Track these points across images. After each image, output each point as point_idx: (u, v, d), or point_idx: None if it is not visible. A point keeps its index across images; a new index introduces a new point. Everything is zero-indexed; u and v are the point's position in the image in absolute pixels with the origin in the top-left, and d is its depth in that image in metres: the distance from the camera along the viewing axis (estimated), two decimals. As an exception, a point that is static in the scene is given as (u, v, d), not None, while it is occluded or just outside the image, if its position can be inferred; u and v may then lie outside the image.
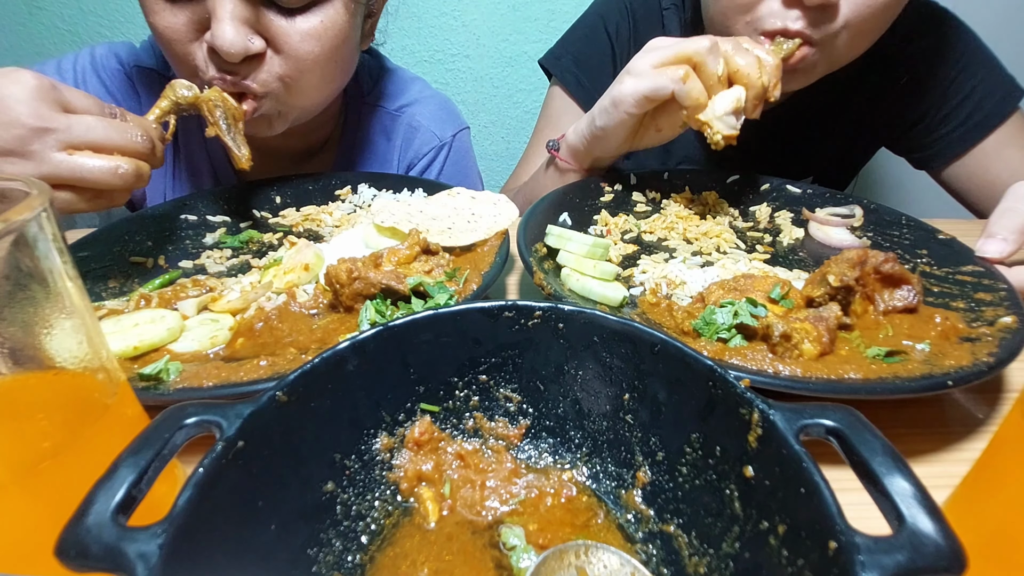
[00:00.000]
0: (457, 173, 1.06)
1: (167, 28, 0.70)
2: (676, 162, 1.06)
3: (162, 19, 0.70)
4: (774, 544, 0.28)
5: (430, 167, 1.04)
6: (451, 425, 0.40)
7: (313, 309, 0.57)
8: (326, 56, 0.76)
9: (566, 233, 0.64)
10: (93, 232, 0.72)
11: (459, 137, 1.06)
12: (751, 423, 0.30)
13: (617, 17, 1.04)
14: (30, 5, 1.72)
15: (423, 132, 1.03)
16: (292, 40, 0.72)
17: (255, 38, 0.70)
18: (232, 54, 0.68)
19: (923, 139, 0.99)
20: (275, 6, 0.71)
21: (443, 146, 1.04)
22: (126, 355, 0.51)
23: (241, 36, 0.68)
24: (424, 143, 1.03)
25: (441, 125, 1.04)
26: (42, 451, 0.30)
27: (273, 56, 0.73)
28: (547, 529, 0.36)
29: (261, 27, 0.71)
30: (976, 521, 0.34)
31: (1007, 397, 0.52)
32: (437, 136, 1.03)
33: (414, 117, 1.03)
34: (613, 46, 1.04)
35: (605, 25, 1.04)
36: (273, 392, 0.31)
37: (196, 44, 0.71)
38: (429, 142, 1.03)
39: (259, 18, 0.70)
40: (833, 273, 0.53)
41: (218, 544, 0.27)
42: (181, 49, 0.72)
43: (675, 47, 0.71)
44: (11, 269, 0.28)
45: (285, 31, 0.72)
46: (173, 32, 0.70)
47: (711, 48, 0.69)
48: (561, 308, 0.38)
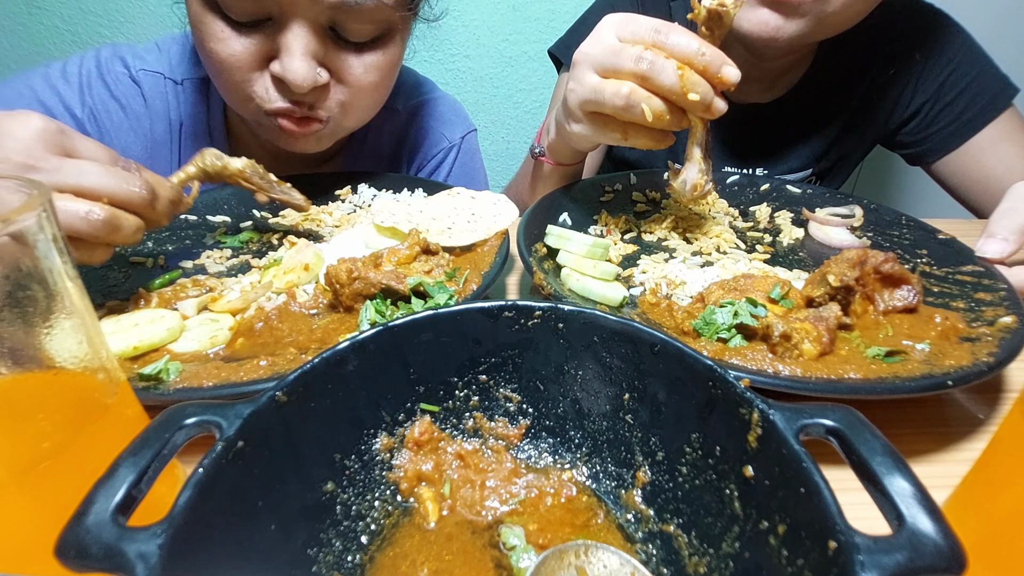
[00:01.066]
0: (465, 175, 1.05)
1: (231, 56, 0.71)
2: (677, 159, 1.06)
3: (226, 47, 0.71)
4: (774, 544, 0.28)
5: (439, 168, 1.04)
6: (451, 425, 0.40)
7: (313, 309, 0.57)
8: (385, 85, 0.82)
9: (566, 233, 0.64)
10: (93, 232, 0.72)
11: (468, 139, 1.06)
12: (751, 423, 0.30)
13: (626, 6, 1.04)
14: (30, 5, 1.72)
15: (432, 134, 1.03)
16: (356, 72, 0.76)
17: (322, 71, 0.73)
18: (303, 87, 0.71)
19: (917, 134, 1.01)
20: (343, 40, 0.74)
21: (452, 148, 1.04)
22: (126, 355, 0.51)
23: (311, 70, 0.71)
24: (433, 145, 1.03)
25: (450, 127, 1.04)
26: (42, 451, 0.30)
27: (336, 85, 0.76)
28: (547, 529, 0.36)
29: (327, 60, 0.74)
30: (976, 521, 0.34)
31: (1007, 397, 0.52)
32: (446, 138, 1.03)
33: (424, 119, 1.03)
34: None
35: None
36: (273, 392, 0.31)
37: (258, 74, 0.73)
38: (438, 143, 1.03)
39: (326, 52, 0.73)
40: (833, 273, 0.53)
41: (218, 544, 0.27)
42: (240, 76, 0.73)
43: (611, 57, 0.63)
44: (11, 269, 0.28)
45: (350, 64, 0.75)
46: (236, 60, 0.71)
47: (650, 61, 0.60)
48: (561, 308, 0.38)
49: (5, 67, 1.80)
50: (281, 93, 0.74)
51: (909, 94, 0.98)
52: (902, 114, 1.00)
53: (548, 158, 0.85)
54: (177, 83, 0.91)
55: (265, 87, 0.74)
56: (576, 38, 1.07)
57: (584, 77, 0.66)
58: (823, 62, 0.99)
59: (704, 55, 0.60)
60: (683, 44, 0.61)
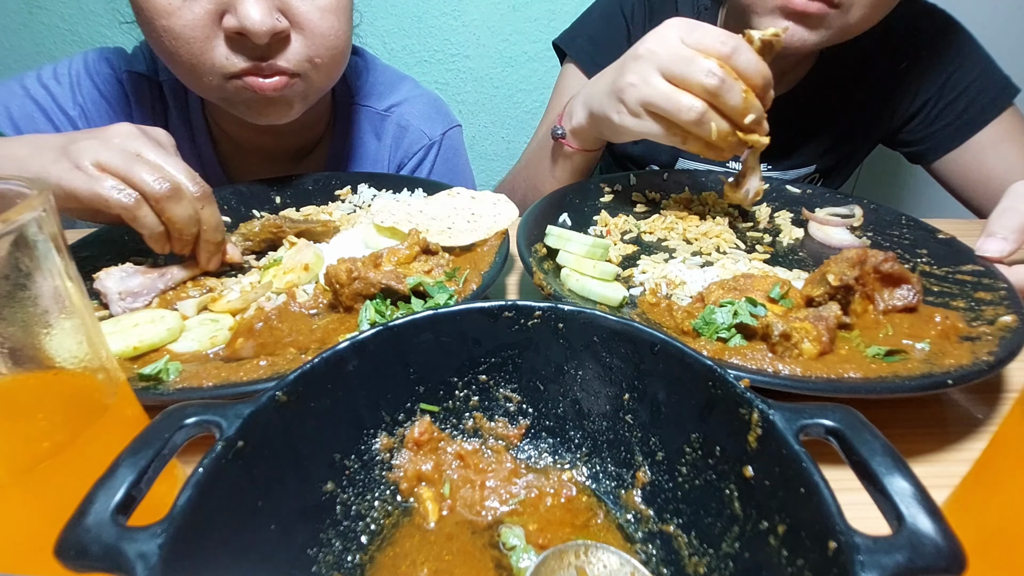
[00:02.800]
0: (448, 171, 1.05)
1: (185, 27, 0.69)
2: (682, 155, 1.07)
3: (179, 19, 0.69)
4: (774, 544, 0.28)
5: (420, 166, 1.04)
6: (451, 425, 0.40)
7: (313, 309, 0.57)
8: (344, 31, 0.78)
9: (566, 233, 0.64)
10: (93, 232, 0.72)
11: (449, 135, 1.06)
12: (751, 423, 0.30)
13: (633, 1, 1.05)
14: (30, 5, 1.72)
15: (412, 131, 1.03)
16: (313, 16, 0.73)
17: (280, 16, 0.71)
18: (261, 32, 0.68)
19: (919, 133, 1.01)
20: None
21: (432, 145, 1.04)
22: (126, 355, 0.51)
23: (269, 15, 0.69)
24: (414, 142, 1.03)
25: (431, 124, 1.04)
26: (42, 451, 0.30)
27: (297, 36, 0.74)
28: (547, 529, 0.36)
29: (283, 6, 0.71)
30: (976, 521, 0.34)
31: (1007, 397, 0.52)
32: (427, 135, 1.03)
33: (403, 116, 1.03)
34: (629, 28, 1.05)
35: (622, 8, 1.05)
36: (273, 392, 0.31)
37: (215, 41, 0.71)
38: (419, 141, 1.03)
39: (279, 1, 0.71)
40: (833, 272, 0.53)
41: (218, 544, 0.27)
42: (198, 47, 0.71)
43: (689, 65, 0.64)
44: (11, 269, 0.28)
45: (306, 9, 0.73)
46: (192, 29, 0.69)
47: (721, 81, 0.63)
48: (561, 308, 0.38)
49: (5, 67, 1.80)
50: (241, 52, 0.72)
51: (912, 92, 0.99)
52: (904, 112, 1.01)
53: (570, 142, 0.85)
54: (159, 84, 0.92)
55: (225, 54, 0.71)
56: (581, 31, 1.07)
57: (651, 77, 0.67)
58: (827, 59, 0.99)
59: (765, 78, 0.64)
60: (752, 65, 0.64)
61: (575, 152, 0.86)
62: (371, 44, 1.78)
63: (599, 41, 1.04)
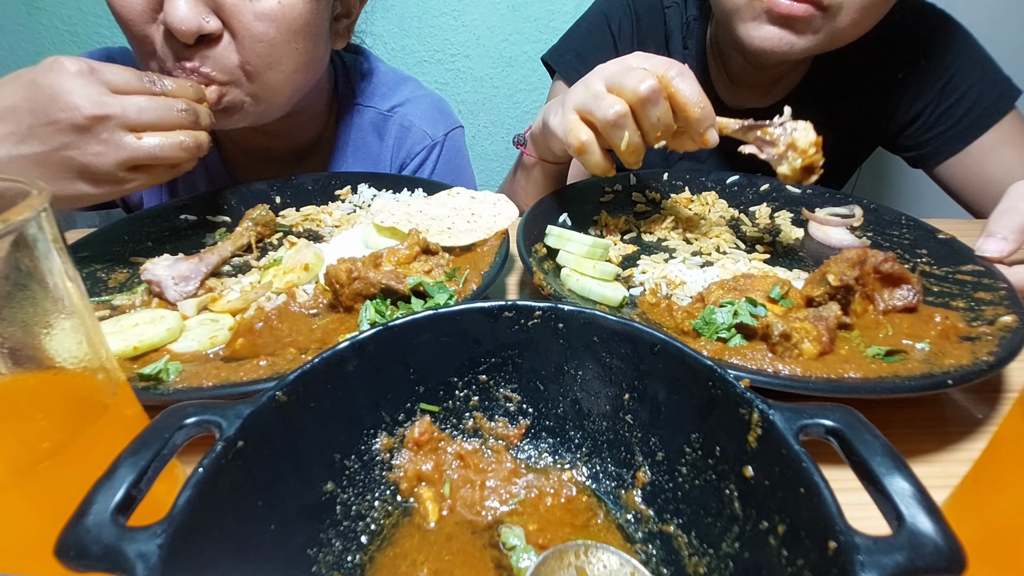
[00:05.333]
0: (450, 172, 1.05)
1: (123, 7, 0.68)
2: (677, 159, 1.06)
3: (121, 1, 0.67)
4: (774, 544, 0.28)
5: (422, 167, 1.04)
6: (451, 425, 0.40)
7: (313, 309, 0.57)
8: (283, 40, 0.72)
9: (566, 233, 0.64)
10: (93, 232, 0.72)
11: (451, 136, 1.06)
12: (751, 423, 0.30)
13: (620, 14, 1.04)
14: (30, 5, 1.72)
15: (415, 132, 1.03)
16: (246, 20, 0.69)
17: (211, 17, 0.68)
18: (186, 32, 0.66)
19: (919, 138, 1.00)
20: None
21: (435, 145, 1.04)
22: (126, 355, 0.51)
23: (195, 13, 0.66)
24: (416, 143, 1.03)
25: (433, 124, 1.04)
26: (42, 451, 0.30)
27: (230, 41, 0.70)
28: (547, 529, 0.36)
29: (217, 7, 0.68)
30: (976, 521, 0.34)
31: (1007, 397, 0.52)
32: (429, 135, 1.03)
33: (405, 117, 1.03)
34: (616, 43, 1.05)
35: (608, 22, 1.05)
36: (273, 392, 0.31)
37: (153, 26, 0.69)
38: (421, 141, 1.03)
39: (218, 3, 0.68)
40: (833, 273, 0.53)
41: (218, 544, 0.27)
42: (139, 31, 0.69)
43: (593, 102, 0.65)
44: (11, 269, 0.28)
45: (240, 11, 0.69)
46: (128, 11, 0.68)
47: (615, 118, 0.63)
48: (561, 308, 0.38)
49: (5, 68, 1.79)
50: (174, 52, 0.68)
51: (911, 97, 0.97)
52: (903, 117, 0.99)
53: (530, 150, 0.85)
54: None
55: (162, 44, 0.69)
56: (568, 46, 1.08)
57: (593, 84, 0.67)
58: (821, 65, 0.98)
59: (701, 109, 0.63)
60: (690, 95, 0.63)
61: (536, 163, 0.86)
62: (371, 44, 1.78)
63: (586, 57, 1.04)
